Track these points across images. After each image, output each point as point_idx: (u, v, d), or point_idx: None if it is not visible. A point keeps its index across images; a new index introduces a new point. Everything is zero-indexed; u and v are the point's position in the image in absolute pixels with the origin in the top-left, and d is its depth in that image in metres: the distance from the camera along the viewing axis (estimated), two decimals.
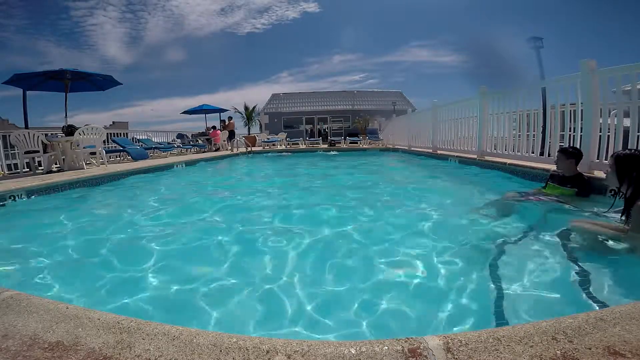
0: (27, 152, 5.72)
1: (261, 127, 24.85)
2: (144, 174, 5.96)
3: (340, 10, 61.96)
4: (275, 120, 25.16)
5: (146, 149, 9.05)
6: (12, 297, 1.10)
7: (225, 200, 3.90)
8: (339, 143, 14.72)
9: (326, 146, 14.29)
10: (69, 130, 6.09)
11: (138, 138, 10.74)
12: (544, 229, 2.25)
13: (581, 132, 3.47)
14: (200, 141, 12.54)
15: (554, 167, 3.08)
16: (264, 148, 13.73)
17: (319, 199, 3.93)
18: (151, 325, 0.91)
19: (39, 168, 5.93)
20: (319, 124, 25.56)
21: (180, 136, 12.93)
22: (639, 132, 2.95)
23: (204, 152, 11.33)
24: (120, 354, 0.81)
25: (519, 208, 2.76)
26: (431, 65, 61.56)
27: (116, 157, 8.45)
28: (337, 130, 23.90)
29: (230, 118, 14.06)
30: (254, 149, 13.04)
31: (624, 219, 1.86)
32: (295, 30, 60.70)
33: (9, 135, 5.94)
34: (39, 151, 5.70)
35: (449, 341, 0.79)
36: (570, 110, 3.87)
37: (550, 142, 4.06)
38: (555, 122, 3.99)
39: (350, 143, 14.13)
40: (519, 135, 4.76)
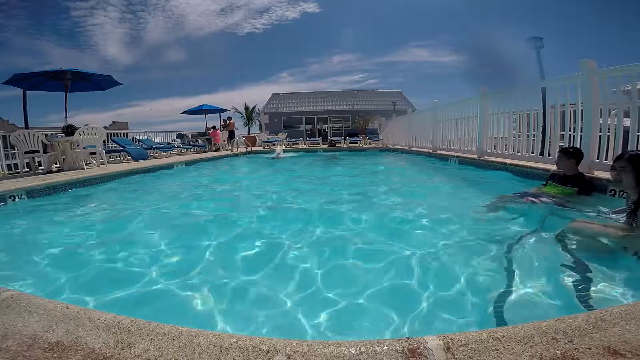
0: (27, 152, 5.72)
1: (261, 127, 24.88)
2: (144, 173, 5.96)
3: (340, 11, 62.13)
4: (275, 120, 25.16)
5: (146, 149, 9.05)
6: (12, 297, 1.10)
7: (225, 197, 3.89)
8: (339, 143, 14.73)
9: (326, 146, 14.30)
10: (69, 130, 6.09)
11: (138, 138, 10.74)
12: (545, 228, 2.25)
13: (581, 132, 3.47)
14: (200, 141, 12.53)
15: (554, 167, 3.08)
16: (263, 148, 13.72)
17: (319, 198, 3.93)
18: (151, 325, 0.91)
19: (39, 168, 5.93)
20: (319, 124, 25.55)
21: (180, 136, 12.93)
22: (639, 132, 2.95)
23: (204, 152, 11.33)
24: (120, 354, 0.80)
25: (519, 208, 2.76)
26: (431, 65, 61.63)
27: (116, 157, 8.44)
28: (337, 130, 23.92)
29: (230, 118, 14.05)
30: (254, 149, 13.04)
31: (624, 219, 1.86)
32: (295, 30, 60.86)
33: (9, 135, 5.94)
34: (39, 151, 5.71)
35: (449, 341, 0.79)
36: (570, 110, 3.87)
37: (550, 142, 4.06)
38: (555, 122, 3.99)
39: (350, 143, 14.14)
40: (519, 135, 4.76)
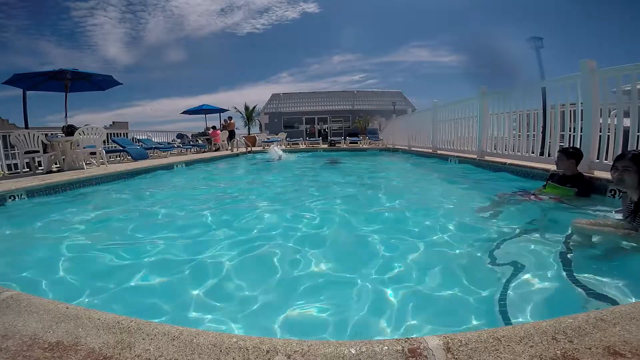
0: (27, 152, 5.72)
1: (261, 127, 24.83)
2: (144, 173, 5.96)
3: (340, 11, 62.05)
4: (275, 120, 25.15)
5: (146, 149, 9.05)
6: (12, 297, 1.10)
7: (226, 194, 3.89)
8: (339, 143, 14.73)
9: (326, 146, 14.30)
10: (69, 130, 6.09)
11: (138, 138, 10.74)
12: (544, 228, 2.25)
13: (581, 132, 3.47)
14: (200, 141, 12.53)
15: (554, 167, 3.08)
16: (263, 148, 13.72)
17: (320, 196, 3.93)
18: (151, 325, 0.91)
19: (39, 168, 5.93)
20: (319, 124, 25.54)
21: (180, 136, 12.93)
22: (639, 132, 2.95)
23: (204, 152, 11.33)
24: (120, 354, 0.80)
25: (519, 207, 2.76)
26: (431, 65, 61.52)
27: (116, 157, 8.45)
28: (337, 130, 23.91)
29: (230, 118, 14.04)
30: (254, 148, 13.04)
31: (626, 218, 1.86)
32: (295, 30, 60.69)
33: (9, 135, 5.95)
34: (39, 151, 5.71)
35: (449, 341, 0.79)
36: (570, 110, 3.87)
37: (550, 142, 4.06)
38: (555, 122, 3.99)
39: (350, 143, 14.14)
40: (519, 135, 4.76)
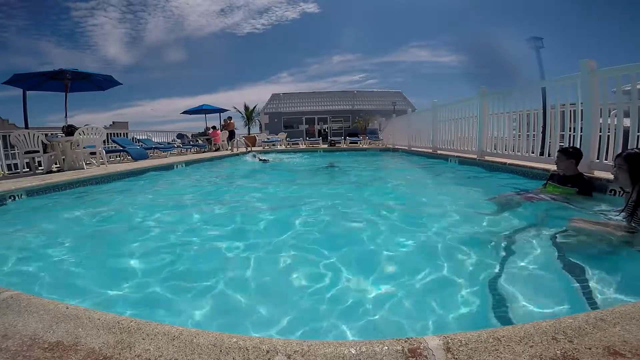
0: (27, 152, 5.72)
1: (261, 127, 24.86)
2: (144, 173, 5.96)
3: (340, 11, 62.07)
4: (275, 120, 25.16)
5: (146, 149, 9.04)
6: (12, 297, 1.10)
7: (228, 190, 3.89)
8: (339, 143, 14.74)
9: (326, 146, 14.30)
10: (69, 130, 6.09)
11: (138, 138, 10.74)
12: (544, 228, 2.24)
13: (581, 132, 3.47)
14: (200, 141, 12.53)
15: (554, 167, 3.08)
16: (263, 148, 13.72)
17: (321, 196, 3.94)
18: (151, 325, 0.91)
19: (39, 168, 5.93)
20: (319, 124, 25.55)
21: (180, 136, 12.93)
22: (639, 132, 2.95)
23: (204, 152, 11.33)
24: (120, 354, 0.81)
25: (519, 207, 2.76)
26: (431, 65, 61.55)
27: (116, 157, 8.45)
28: (337, 130, 23.92)
29: (230, 118, 14.02)
30: (253, 148, 13.04)
31: (624, 218, 1.86)
32: (295, 30, 60.74)
33: (9, 135, 5.94)
34: (39, 151, 5.70)
35: (449, 341, 0.79)
36: (570, 110, 3.87)
37: (550, 142, 4.06)
38: (555, 122, 3.99)
39: (350, 143, 14.14)
40: (519, 135, 4.76)
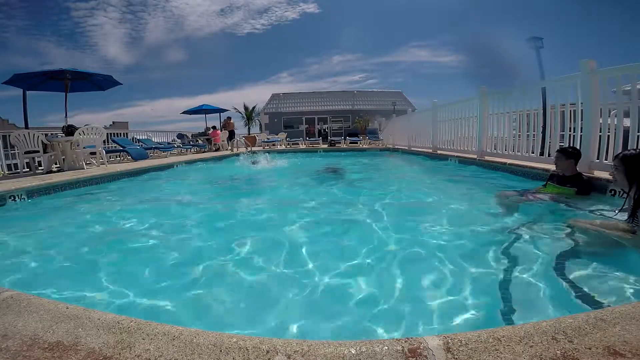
0: (27, 152, 5.71)
1: (261, 127, 24.85)
2: (144, 173, 5.95)
3: (340, 11, 62.06)
4: (275, 120, 25.16)
5: (146, 149, 9.04)
6: (12, 297, 1.10)
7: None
8: (339, 143, 14.74)
9: (326, 146, 14.30)
10: (69, 130, 6.09)
11: (138, 138, 10.73)
12: (544, 228, 2.25)
13: (581, 132, 3.47)
14: (200, 141, 12.52)
15: (553, 167, 3.08)
16: (263, 148, 13.71)
17: (322, 195, 3.94)
18: (151, 325, 0.91)
19: (39, 168, 5.93)
20: (319, 124, 25.55)
21: (180, 136, 12.92)
22: (639, 132, 2.95)
23: (204, 152, 11.33)
24: (120, 354, 0.81)
25: (518, 207, 2.76)
26: (431, 65, 61.53)
27: (116, 157, 8.44)
28: (337, 130, 23.92)
29: (229, 118, 13.98)
30: (254, 148, 13.04)
31: (625, 218, 1.86)
32: (295, 30, 60.67)
33: (9, 135, 5.94)
34: (39, 151, 5.70)
35: (449, 341, 0.79)
36: (570, 110, 3.87)
37: (550, 142, 4.06)
38: (555, 122, 3.99)
39: (350, 143, 14.14)
40: (519, 135, 4.76)
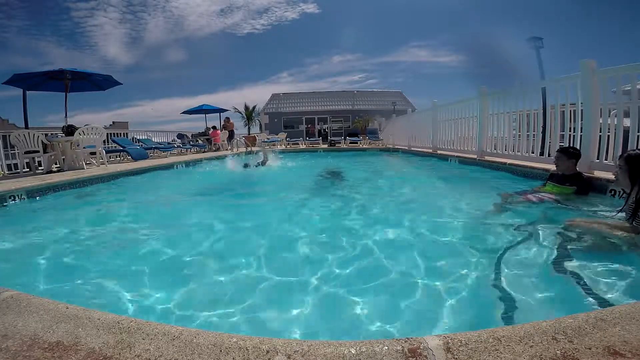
0: (27, 152, 5.71)
1: (261, 127, 24.89)
2: (144, 173, 5.95)
3: (340, 11, 61.98)
4: (275, 120, 25.16)
5: (146, 149, 9.04)
6: (12, 297, 1.10)
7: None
8: (339, 143, 14.74)
9: (326, 146, 14.30)
10: (69, 130, 6.09)
11: (138, 138, 10.74)
12: (544, 228, 2.24)
13: (581, 132, 3.47)
14: (200, 141, 12.53)
15: (554, 167, 3.08)
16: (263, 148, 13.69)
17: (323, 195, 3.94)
18: (151, 325, 0.91)
19: (39, 168, 5.93)
20: (319, 124, 25.56)
21: (180, 136, 12.93)
22: (639, 132, 2.95)
23: (204, 152, 11.33)
24: (120, 354, 0.81)
25: (518, 207, 2.76)
26: (431, 65, 61.40)
27: (116, 157, 8.44)
28: (337, 130, 23.93)
29: (227, 119, 13.93)
30: (254, 148, 13.03)
31: (626, 218, 1.86)
32: (295, 30, 60.53)
33: (9, 135, 5.94)
34: (39, 151, 5.70)
35: (449, 341, 0.79)
36: (570, 110, 3.87)
37: (550, 142, 4.06)
38: (555, 122, 3.99)
39: (350, 143, 14.14)
40: (519, 135, 4.76)
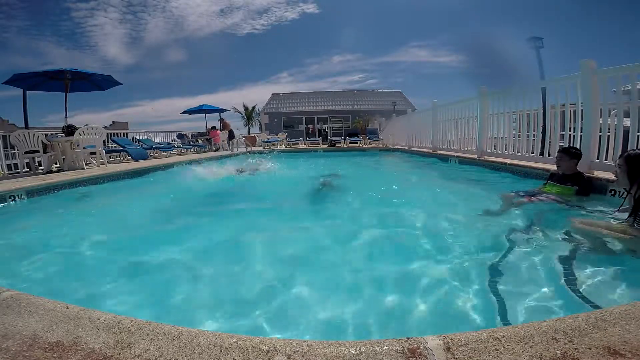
0: (27, 152, 5.71)
1: (261, 127, 24.90)
2: (144, 173, 5.95)
3: (340, 11, 61.94)
4: (275, 120, 25.17)
5: (146, 149, 9.03)
6: (12, 297, 1.10)
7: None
8: (339, 143, 14.74)
9: (326, 146, 14.30)
10: (69, 130, 6.09)
11: (138, 138, 10.73)
12: (544, 228, 2.24)
13: (581, 132, 3.47)
14: (200, 141, 12.52)
15: (554, 167, 3.07)
16: (263, 148, 13.70)
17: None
18: (151, 325, 0.91)
19: (39, 168, 5.93)
20: (319, 124, 25.56)
21: (180, 136, 12.93)
22: (639, 132, 2.95)
23: (203, 152, 11.32)
24: (120, 354, 0.81)
25: (519, 207, 2.76)
26: (431, 65, 61.27)
27: (116, 157, 8.44)
28: (337, 130, 23.93)
29: (221, 120, 13.85)
30: (254, 149, 13.03)
31: (626, 218, 1.86)
32: (295, 31, 60.46)
33: (9, 135, 5.94)
34: (39, 151, 5.70)
35: (449, 341, 0.79)
36: (570, 110, 3.87)
37: (550, 142, 4.06)
38: (555, 122, 3.99)
39: (350, 143, 14.13)
40: (519, 135, 4.76)
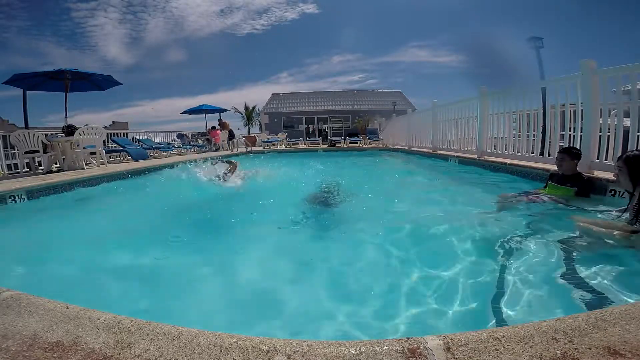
0: (27, 152, 5.71)
1: (261, 127, 24.87)
2: (144, 173, 5.95)
3: (340, 11, 61.76)
4: (275, 120, 25.15)
5: (146, 149, 9.03)
6: (12, 297, 1.10)
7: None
8: (339, 143, 14.74)
9: (326, 146, 14.31)
10: (69, 130, 6.09)
11: (138, 138, 10.73)
12: (545, 228, 2.25)
13: (581, 132, 3.47)
14: (200, 141, 12.52)
15: (554, 167, 3.07)
16: (263, 148, 13.70)
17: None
18: (151, 325, 0.91)
19: (39, 168, 5.92)
20: (319, 124, 25.56)
21: (180, 136, 12.92)
22: (639, 132, 2.95)
23: (203, 153, 11.32)
24: (120, 354, 0.81)
25: (519, 208, 2.76)
26: (431, 65, 61.02)
27: (116, 157, 8.44)
28: (337, 130, 23.93)
29: (219, 120, 13.83)
30: (254, 148, 13.03)
31: (627, 219, 1.86)
32: (295, 31, 60.24)
33: (9, 135, 5.94)
34: (39, 151, 5.70)
35: (449, 341, 0.79)
36: (570, 110, 3.87)
37: (550, 142, 4.06)
38: (555, 122, 3.99)
39: (350, 143, 14.14)
40: (519, 135, 4.76)
